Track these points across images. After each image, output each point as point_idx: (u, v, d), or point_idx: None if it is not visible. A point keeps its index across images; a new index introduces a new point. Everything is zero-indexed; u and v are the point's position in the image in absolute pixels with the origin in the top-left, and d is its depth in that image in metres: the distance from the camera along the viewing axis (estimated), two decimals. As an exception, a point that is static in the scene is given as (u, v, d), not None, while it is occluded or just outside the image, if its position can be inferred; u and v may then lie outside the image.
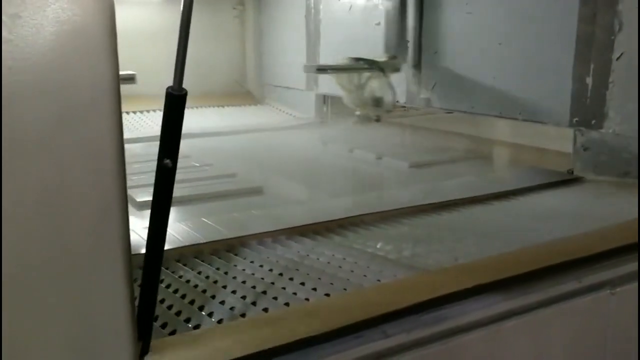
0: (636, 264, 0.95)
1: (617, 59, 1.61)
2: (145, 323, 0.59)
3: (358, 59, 2.25)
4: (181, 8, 0.53)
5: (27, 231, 0.56)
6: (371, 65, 2.21)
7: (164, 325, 0.86)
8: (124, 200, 0.60)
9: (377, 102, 2.25)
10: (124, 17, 2.76)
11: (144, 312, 0.59)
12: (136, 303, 0.63)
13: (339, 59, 2.31)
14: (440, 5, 2.13)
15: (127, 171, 0.56)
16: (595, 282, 0.88)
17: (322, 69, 2.40)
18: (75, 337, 0.58)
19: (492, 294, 0.82)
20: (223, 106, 3.01)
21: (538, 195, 1.59)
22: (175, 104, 0.53)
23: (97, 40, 0.52)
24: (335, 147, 2.29)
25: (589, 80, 1.68)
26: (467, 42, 2.04)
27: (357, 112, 2.36)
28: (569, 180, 1.70)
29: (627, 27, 1.58)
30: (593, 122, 1.68)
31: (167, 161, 0.53)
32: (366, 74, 2.24)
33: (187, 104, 0.59)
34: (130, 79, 1.75)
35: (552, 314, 0.83)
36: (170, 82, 0.58)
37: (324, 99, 2.82)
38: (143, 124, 2.65)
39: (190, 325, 0.86)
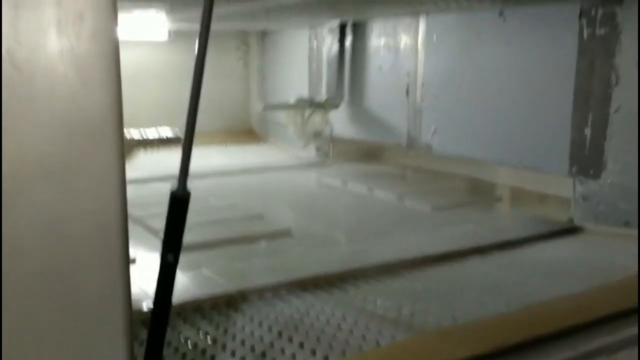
0: (635, 328, 0.96)
1: (615, 111, 1.63)
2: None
3: (302, 99, 2.65)
4: (185, 124, 0.55)
5: (29, 281, 0.57)
6: (312, 103, 2.61)
7: (163, 391, 0.87)
8: (127, 272, 0.62)
9: (317, 135, 2.70)
10: (131, 56, 2.82)
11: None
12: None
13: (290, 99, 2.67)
14: (440, 49, 2.17)
15: (158, 211, 0.58)
16: (592, 349, 0.89)
17: (268, 107, 2.86)
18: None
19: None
20: (226, 144, 3.04)
21: (538, 246, 1.59)
22: (179, 205, 0.54)
23: (101, 78, 0.54)
24: (355, 186, 2.31)
25: (588, 131, 1.70)
26: (468, 89, 2.08)
27: (302, 143, 2.76)
28: (569, 229, 1.71)
29: (624, 81, 1.60)
30: (591, 171, 1.70)
31: (170, 257, 0.55)
32: (309, 111, 2.61)
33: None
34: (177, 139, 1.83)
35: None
36: (177, 121, 0.59)
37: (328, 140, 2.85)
38: (166, 161, 2.63)
39: (189, 391, 0.86)
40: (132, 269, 0.63)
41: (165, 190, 0.59)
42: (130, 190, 0.59)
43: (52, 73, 0.49)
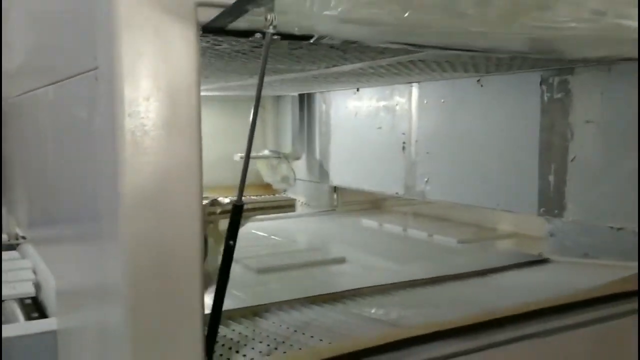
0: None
1: (571, 160, 1.97)
2: (210, 343, 0.92)
3: (272, 151, 3.37)
4: (245, 152, 0.89)
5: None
6: (278, 154, 3.31)
7: (211, 363, 1.18)
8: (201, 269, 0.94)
9: (285, 179, 3.34)
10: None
11: (210, 338, 0.92)
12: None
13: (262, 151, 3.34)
14: (430, 112, 2.53)
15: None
16: (526, 334, 1.19)
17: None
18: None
19: (449, 339, 1.14)
20: (247, 196, 3.40)
21: (511, 273, 1.91)
22: (237, 211, 0.88)
23: (189, 136, 0.88)
24: (390, 227, 2.73)
25: (551, 178, 2.04)
26: (454, 145, 2.43)
27: (274, 187, 3.43)
28: (538, 261, 2.02)
29: (577, 135, 1.95)
30: (556, 211, 2.02)
31: (231, 242, 0.88)
32: (276, 160, 3.28)
33: (212, 193, 0.90)
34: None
35: (490, 355, 1.14)
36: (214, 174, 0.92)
37: (335, 190, 3.20)
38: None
39: (230, 362, 1.18)
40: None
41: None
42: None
43: (158, 136, 0.85)
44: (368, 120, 2.87)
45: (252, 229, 2.69)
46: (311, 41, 0.89)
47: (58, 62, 1.27)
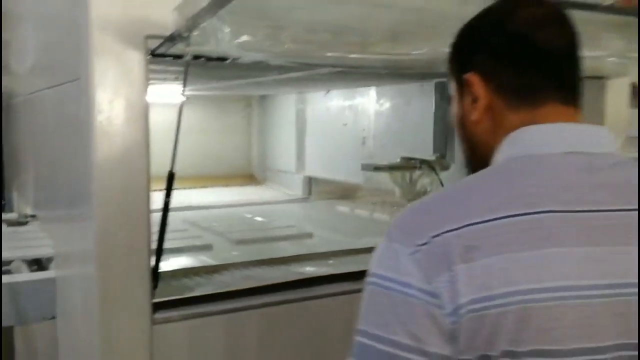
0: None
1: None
2: (155, 275, 1.30)
3: (410, 158, 2.50)
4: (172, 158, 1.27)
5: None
6: (422, 163, 2.45)
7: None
8: (148, 235, 1.32)
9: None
10: (155, 116, 3.60)
11: (155, 270, 1.31)
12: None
13: (394, 159, 2.59)
14: (384, 111, 2.91)
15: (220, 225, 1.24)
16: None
17: (378, 168, 2.58)
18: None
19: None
20: (230, 186, 3.79)
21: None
22: (171, 178, 1.26)
23: (140, 127, 1.27)
24: (360, 211, 3.07)
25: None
26: (402, 139, 2.80)
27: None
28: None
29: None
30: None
31: (167, 200, 1.26)
32: (417, 172, 2.47)
33: (204, 183, 1.26)
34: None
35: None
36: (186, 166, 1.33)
37: (309, 180, 3.58)
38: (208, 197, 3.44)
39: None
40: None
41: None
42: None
43: (119, 126, 1.24)
44: (336, 117, 3.24)
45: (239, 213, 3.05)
46: (227, 62, 1.27)
47: (56, 72, 1.67)
